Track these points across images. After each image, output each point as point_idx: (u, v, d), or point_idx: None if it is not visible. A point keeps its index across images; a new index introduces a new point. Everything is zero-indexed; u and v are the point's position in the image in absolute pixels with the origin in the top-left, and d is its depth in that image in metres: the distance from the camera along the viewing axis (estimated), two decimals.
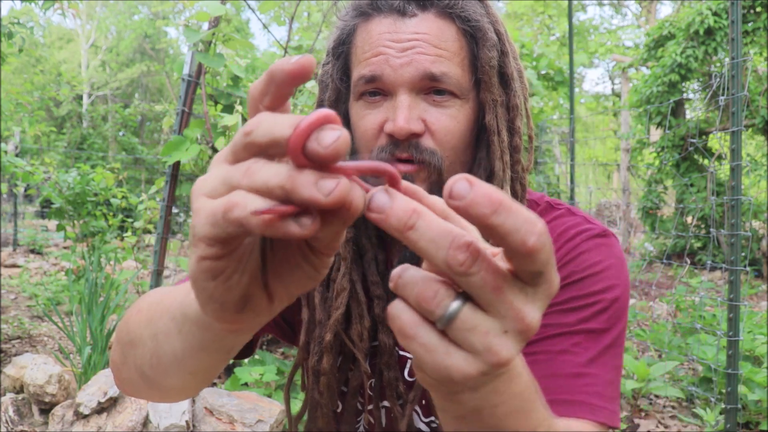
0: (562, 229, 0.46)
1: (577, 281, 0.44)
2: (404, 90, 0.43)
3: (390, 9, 0.43)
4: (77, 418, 1.46)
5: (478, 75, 0.44)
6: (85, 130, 10.04)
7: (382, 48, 0.43)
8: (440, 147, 0.44)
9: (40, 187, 2.76)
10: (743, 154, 2.43)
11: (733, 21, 1.54)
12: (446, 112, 0.44)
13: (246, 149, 0.22)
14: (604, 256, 0.45)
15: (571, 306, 0.43)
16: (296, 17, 2.34)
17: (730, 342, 1.54)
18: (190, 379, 0.33)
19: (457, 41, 0.43)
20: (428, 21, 0.43)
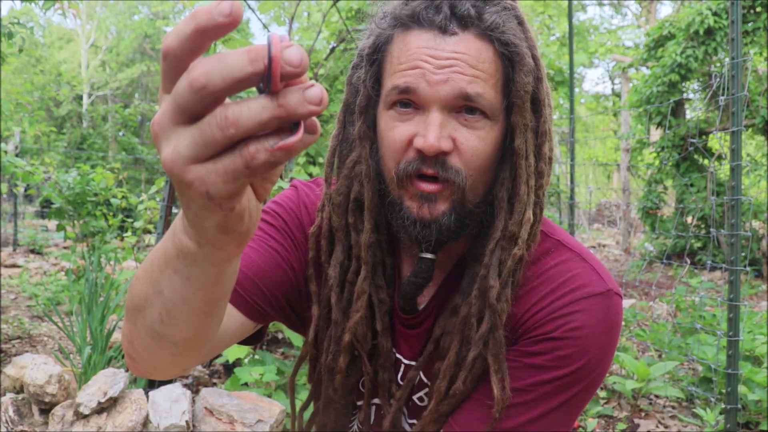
0: (567, 277, 0.46)
1: (554, 339, 0.45)
2: (437, 107, 0.44)
3: (431, 24, 0.43)
4: (77, 418, 1.46)
5: (511, 98, 0.45)
6: (85, 130, 10.04)
7: (420, 62, 0.43)
8: (466, 166, 0.45)
9: (40, 187, 2.76)
10: (743, 154, 2.43)
11: (733, 21, 1.54)
12: (476, 133, 0.44)
13: (202, 101, 0.22)
14: (592, 320, 0.45)
15: (536, 363, 0.45)
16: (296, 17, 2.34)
17: (730, 342, 1.54)
18: (201, 321, 0.34)
19: (494, 63, 0.44)
20: (468, 41, 0.43)
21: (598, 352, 0.45)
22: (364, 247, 0.48)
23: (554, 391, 0.45)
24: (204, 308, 0.34)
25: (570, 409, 0.47)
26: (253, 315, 0.49)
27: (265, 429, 1.44)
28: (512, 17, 0.45)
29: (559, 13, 12.35)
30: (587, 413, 1.84)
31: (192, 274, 0.31)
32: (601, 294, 0.46)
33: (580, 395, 0.46)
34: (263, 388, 1.71)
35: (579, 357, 0.45)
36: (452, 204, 0.45)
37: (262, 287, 0.49)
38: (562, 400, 0.45)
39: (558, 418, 0.46)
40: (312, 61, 2.47)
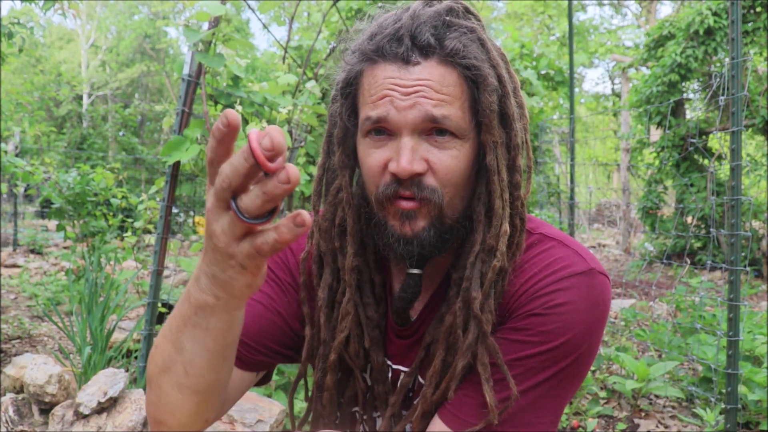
0: (549, 261, 0.48)
1: (537, 315, 0.47)
2: (408, 132, 0.46)
3: (395, 56, 0.46)
4: (77, 418, 1.46)
5: (478, 117, 0.47)
6: (85, 130, 10.04)
7: (387, 91, 0.46)
8: (441, 184, 0.47)
9: (40, 187, 2.76)
10: (743, 154, 2.43)
11: (733, 21, 1.54)
12: (447, 153, 0.47)
13: (225, 193, 0.33)
14: (575, 297, 0.47)
15: (519, 338, 0.47)
16: (296, 17, 2.34)
17: (730, 342, 1.54)
18: (220, 364, 0.42)
19: (458, 86, 0.47)
20: (431, 68, 0.46)
21: (583, 327, 0.46)
22: (348, 271, 0.51)
23: (540, 366, 0.46)
24: (222, 352, 0.42)
25: (557, 385, 0.47)
26: (248, 368, 0.55)
27: (265, 429, 1.44)
28: (474, 40, 0.47)
29: (559, 13, 12.35)
30: (587, 413, 1.84)
31: (210, 324, 0.39)
32: (583, 273, 0.48)
33: (567, 372, 0.47)
34: (263, 388, 1.71)
35: (562, 332, 0.46)
36: (431, 220, 0.47)
37: (250, 343, 0.53)
38: (548, 375, 0.47)
39: (545, 393, 0.47)
40: (312, 61, 2.47)
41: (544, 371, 0.47)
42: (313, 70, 2.37)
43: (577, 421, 1.77)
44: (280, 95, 1.81)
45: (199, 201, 5.77)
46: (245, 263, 0.33)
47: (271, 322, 0.54)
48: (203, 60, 1.52)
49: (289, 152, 2.33)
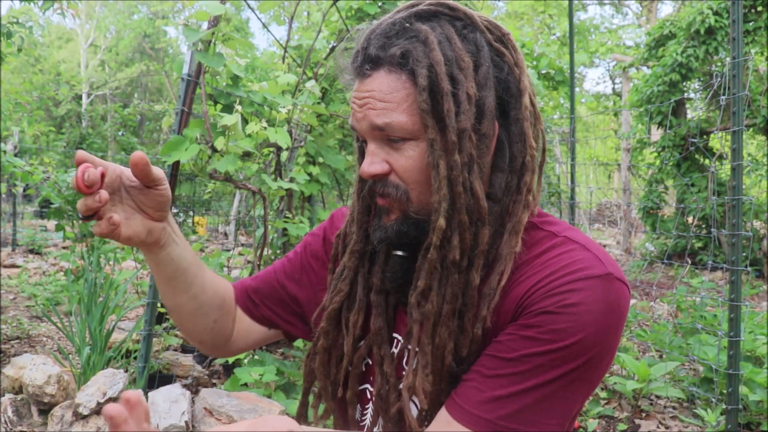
0: (568, 262, 0.49)
1: (549, 312, 0.47)
2: (369, 139, 0.52)
3: (355, 72, 0.52)
4: (76, 418, 1.46)
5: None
6: (84, 130, 10.03)
7: (352, 104, 0.53)
8: (403, 182, 0.52)
9: (39, 187, 2.76)
10: (744, 154, 2.42)
11: (734, 20, 1.54)
12: (403, 154, 0.51)
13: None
14: (590, 298, 0.47)
15: (529, 334, 0.47)
16: (296, 17, 2.34)
17: (731, 342, 1.53)
18: (170, 291, 0.60)
19: (404, 90, 0.49)
20: (379, 78, 0.50)
21: (595, 329, 0.46)
22: (348, 253, 0.58)
23: (549, 365, 0.46)
24: (164, 281, 0.59)
25: (566, 387, 0.47)
26: (255, 319, 0.67)
27: None
28: (420, 42, 0.50)
29: (560, 13, 12.35)
30: (588, 414, 1.84)
31: (145, 258, 0.58)
32: (600, 276, 0.48)
33: (576, 374, 0.47)
34: (263, 388, 1.71)
35: (574, 333, 0.46)
36: (400, 213, 0.53)
37: (255, 299, 0.66)
38: (557, 374, 0.47)
39: (552, 393, 0.47)
40: (312, 60, 2.46)
41: (553, 370, 0.46)
42: (312, 69, 2.36)
43: (577, 421, 1.77)
44: (280, 95, 1.80)
45: (198, 201, 5.76)
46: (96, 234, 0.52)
47: (274, 289, 0.66)
48: (203, 59, 1.51)
49: (289, 152, 2.32)
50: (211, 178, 1.67)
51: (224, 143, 1.57)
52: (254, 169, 1.97)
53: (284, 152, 2.14)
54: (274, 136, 1.68)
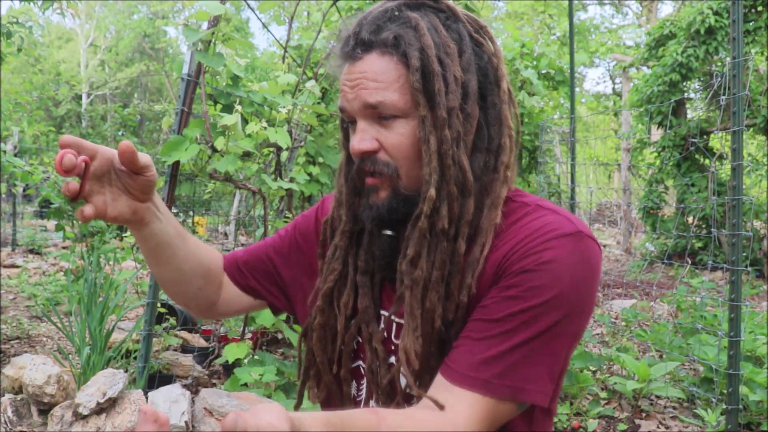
0: (541, 224, 0.53)
1: (527, 271, 0.51)
2: (360, 117, 0.55)
3: (346, 56, 0.55)
4: (76, 418, 1.45)
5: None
6: (84, 130, 10.02)
7: (343, 86, 0.56)
8: (393, 159, 0.55)
9: (39, 187, 2.75)
10: (744, 154, 2.42)
11: (734, 20, 1.54)
12: (393, 131, 0.54)
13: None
14: (563, 254, 0.51)
15: (511, 294, 0.51)
16: (296, 16, 2.33)
17: (731, 342, 1.53)
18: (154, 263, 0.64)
19: (395, 71, 0.53)
20: (371, 60, 0.53)
21: (570, 282, 0.51)
22: (339, 233, 0.61)
23: (532, 320, 0.50)
24: (148, 253, 0.62)
25: (551, 340, 0.51)
26: (241, 288, 0.70)
27: None
28: (410, 27, 0.53)
29: (560, 13, 12.34)
30: (588, 414, 1.84)
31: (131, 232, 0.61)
32: (571, 234, 0.52)
33: (559, 328, 0.51)
34: (263, 388, 1.71)
35: (551, 287, 0.50)
36: (391, 190, 0.55)
37: (243, 269, 0.70)
38: (541, 329, 0.50)
39: (539, 348, 0.50)
40: (312, 60, 2.46)
41: (537, 325, 0.50)
42: (312, 69, 2.36)
43: (578, 421, 1.77)
44: (280, 95, 1.80)
45: (198, 201, 5.76)
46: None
47: (262, 262, 0.69)
48: (203, 59, 1.51)
49: (289, 152, 2.32)
50: (211, 178, 1.67)
51: (224, 143, 1.57)
52: (254, 169, 1.97)
53: (284, 152, 2.14)
54: (274, 136, 1.68)
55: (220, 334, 2.25)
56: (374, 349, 0.58)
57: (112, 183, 0.54)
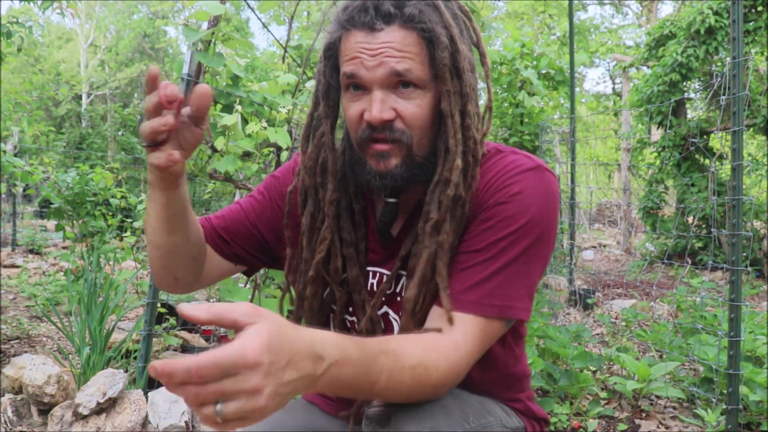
0: (506, 163, 0.61)
1: (500, 203, 0.58)
2: (378, 86, 0.57)
3: (363, 24, 0.56)
4: (76, 418, 1.46)
5: (435, 70, 0.57)
6: (84, 130, 10.02)
7: (358, 53, 0.57)
8: (409, 128, 0.58)
9: (39, 187, 2.75)
10: (744, 154, 2.42)
11: (734, 20, 1.54)
12: (412, 102, 0.57)
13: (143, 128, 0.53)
14: (529, 185, 0.59)
15: (488, 225, 0.58)
16: (296, 16, 2.33)
17: (731, 342, 1.53)
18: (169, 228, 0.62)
19: (417, 45, 0.56)
20: (393, 32, 0.56)
21: (537, 209, 0.58)
22: (328, 203, 0.63)
23: (509, 246, 0.57)
24: (167, 219, 0.60)
25: (526, 262, 0.58)
26: (224, 257, 0.71)
27: None
28: (430, 6, 0.57)
29: (560, 13, 12.34)
30: (588, 414, 1.84)
31: (155, 197, 0.58)
32: (532, 168, 0.60)
33: (532, 250, 0.58)
34: None
35: (522, 215, 0.57)
36: (402, 158, 0.59)
37: (226, 237, 0.70)
38: (518, 252, 0.57)
39: (518, 269, 0.57)
40: (312, 60, 2.46)
41: (514, 249, 0.57)
42: (312, 69, 2.35)
43: (577, 421, 1.77)
44: (280, 95, 1.80)
45: (198, 201, 5.75)
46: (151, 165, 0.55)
47: (245, 228, 0.70)
48: (202, 59, 1.51)
49: (289, 152, 2.32)
50: (211, 178, 1.67)
51: (224, 143, 1.57)
52: (254, 169, 1.97)
53: (284, 152, 2.14)
54: (274, 136, 1.68)
55: (220, 334, 2.25)
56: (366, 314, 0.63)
57: (176, 136, 0.55)
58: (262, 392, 0.38)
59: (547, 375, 1.92)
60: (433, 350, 0.53)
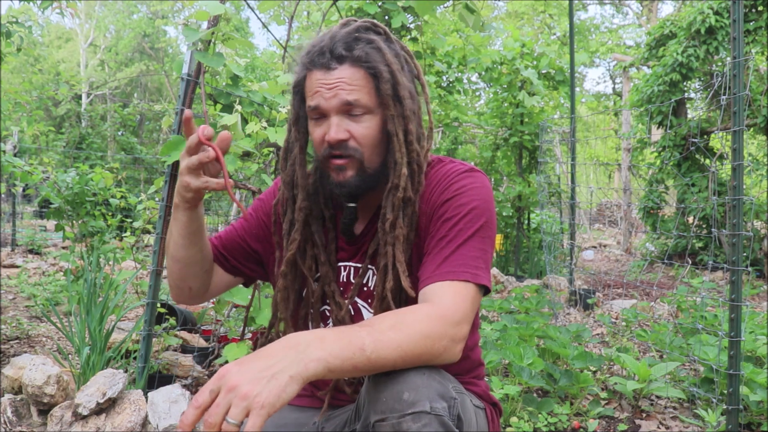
0: (445, 171, 0.75)
1: (449, 198, 0.72)
2: (334, 113, 0.71)
3: (321, 65, 0.71)
4: (76, 418, 1.45)
5: (380, 99, 0.72)
6: (83, 130, 10.01)
7: (318, 88, 0.71)
8: (360, 146, 0.72)
9: (39, 187, 2.75)
10: (745, 154, 2.42)
11: (734, 20, 1.53)
12: (362, 124, 0.71)
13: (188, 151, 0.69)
14: (468, 182, 0.73)
15: (445, 218, 0.71)
16: (296, 16, 2.32)
17: (731, 342, 1.53)
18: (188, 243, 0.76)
19: (364, 79, 0.70)
20: (344, 70, 0.70)
21: (480, 199, 0.72)
22: (298, 210, 0.77)
23: (465, 227, 0.70)
24: (187, 236, 0.75)
25: (481, 239, 0.70)
26: (227, 270, 0.85)
27: None
28: (374, 49, 0.71)
29: (560, 13, 12.34)
30: (588, 414, 1.84)
31: (178, 217, 0.74)
32: (466, 171, 0.75)
33: (483, 230, 0.71)
34: None
35: (470, 203, 0.71)
36: (356, 170, 0.72)
37: (225, 254, 0.85)
38: (472, 231, 0.70)
39: (475, 244, 0.69)
40: None
41: (469, 230, 0.70)
42: None
43: (578, 422, 1.77)
44: (280, 95, 1.80)
45: None
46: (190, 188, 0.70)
47: (237, 244, 0.85)
48: (202, 59, 1.51)
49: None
50: None
51: None
52: (254, 169, 1.96)
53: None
54: (274, 136, 1.68)
55: (220, 335, 2.24)
56: (337, 303, 0.76)
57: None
58: (241, 384, 0.47)
59: (548, 375, 1.92)
60: (408, 311, 0.62)
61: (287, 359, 0.50)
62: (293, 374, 0.49)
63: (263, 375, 0.48)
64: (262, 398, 0.46)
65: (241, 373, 0.48)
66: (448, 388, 0.58)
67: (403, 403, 0.55)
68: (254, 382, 0.47)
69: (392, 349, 0.56)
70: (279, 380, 0.48)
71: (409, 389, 0.56)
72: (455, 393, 0.59)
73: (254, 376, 0.48)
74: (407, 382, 0.56)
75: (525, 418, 1.67)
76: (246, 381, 0.47)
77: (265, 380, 0.48)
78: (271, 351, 0.51)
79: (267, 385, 0.47)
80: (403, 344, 0.56)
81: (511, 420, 1.64)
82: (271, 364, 0.49)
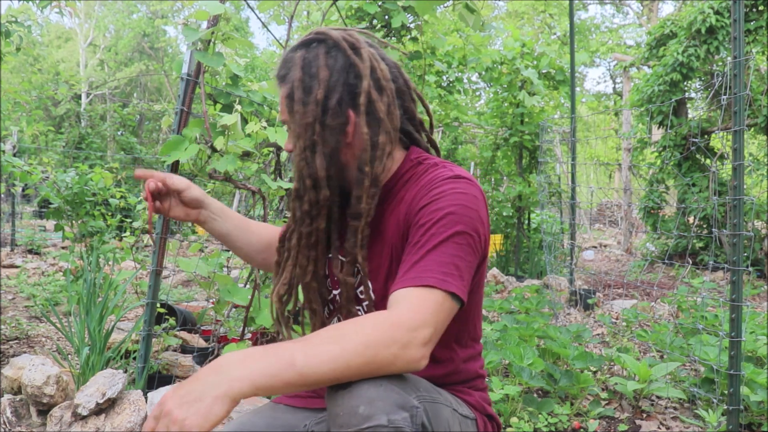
0: (431, 175, 0.74)
1: (426, 204, 0.70)
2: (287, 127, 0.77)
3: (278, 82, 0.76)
4: (75, 419, 1.45)
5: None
6: (83, 130, 10.00)
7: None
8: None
9: (38, 186, 2.75)
10: (745, 154, 2.41)
11: (735, 20, 1.53)
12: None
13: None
14: (448, 189, 0.71)
15: (420, 223, 0.70)
16: (296, 16, 2.32)
17: (732, 343, 1.52)
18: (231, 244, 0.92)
19: (284, 98, 0.75)
20: (281, 89, 0.75)
21: (458, 205, 0.69)
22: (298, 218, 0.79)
23: (437, 232, 0.68)
24: (225, 241, 0.89)
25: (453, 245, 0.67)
26: None
27: None
28: (295, 65, 0.73)
29: (561, 12, 12.33)
30: (588, 414, 1.83)
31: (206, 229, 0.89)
32: (450, 177, 0.72)
33: (457, 237, 0.68)
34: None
35: (444, 209, 0.69)
36: None
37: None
38: (447, 235, 0.67)
39: (446, 250, 0.67)
40: None
41: (441, 235, 0.68)
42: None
43: (578, 422, 1.76)
44: None
45: None
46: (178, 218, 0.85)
47: None
48: (202, 59, 1.51)
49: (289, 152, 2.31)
50: (210, 178, 1.67)
51: (224, 143, 1.56)
52: (254, 169, 1.96)
53: (284, 152, 2.13)
54: (273, 135, 1.68)
55: (219, 335, 2.24)
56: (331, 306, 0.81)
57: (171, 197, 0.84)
58: (172, 409, 0.52)
59: (548, 375, 1.92)
60: (357, 320, 0.59)
61: (209, 382, 0.53)
62: (217, 395, 0.52)
63: (187, 399, 0.52)
64: (189, 421, 0.50)
65: (173, 399, 0.52)
66: (409, 397, 0.57)
67: (359, 417, 0.54)
68: (181, 407, 0.51)
69: (326, 363, 0.54)
70: (203, 402, 0.52)
71: (364, 403, 0.54)
72: (418, 401, 0.58)
73: (181, 401, 0.52)
74: (361, 396, 0.55)
75: (525, 419, 1.67)
76: (175, 406, 0.52)
77: (189, 404, 0.52)
78: (199, 375, 0.54)
79: (190, 409, 0.51)
80: (338, 357, 0.55)
81: (512, 420, 1.63)
82: (195, 388, 0.53)
